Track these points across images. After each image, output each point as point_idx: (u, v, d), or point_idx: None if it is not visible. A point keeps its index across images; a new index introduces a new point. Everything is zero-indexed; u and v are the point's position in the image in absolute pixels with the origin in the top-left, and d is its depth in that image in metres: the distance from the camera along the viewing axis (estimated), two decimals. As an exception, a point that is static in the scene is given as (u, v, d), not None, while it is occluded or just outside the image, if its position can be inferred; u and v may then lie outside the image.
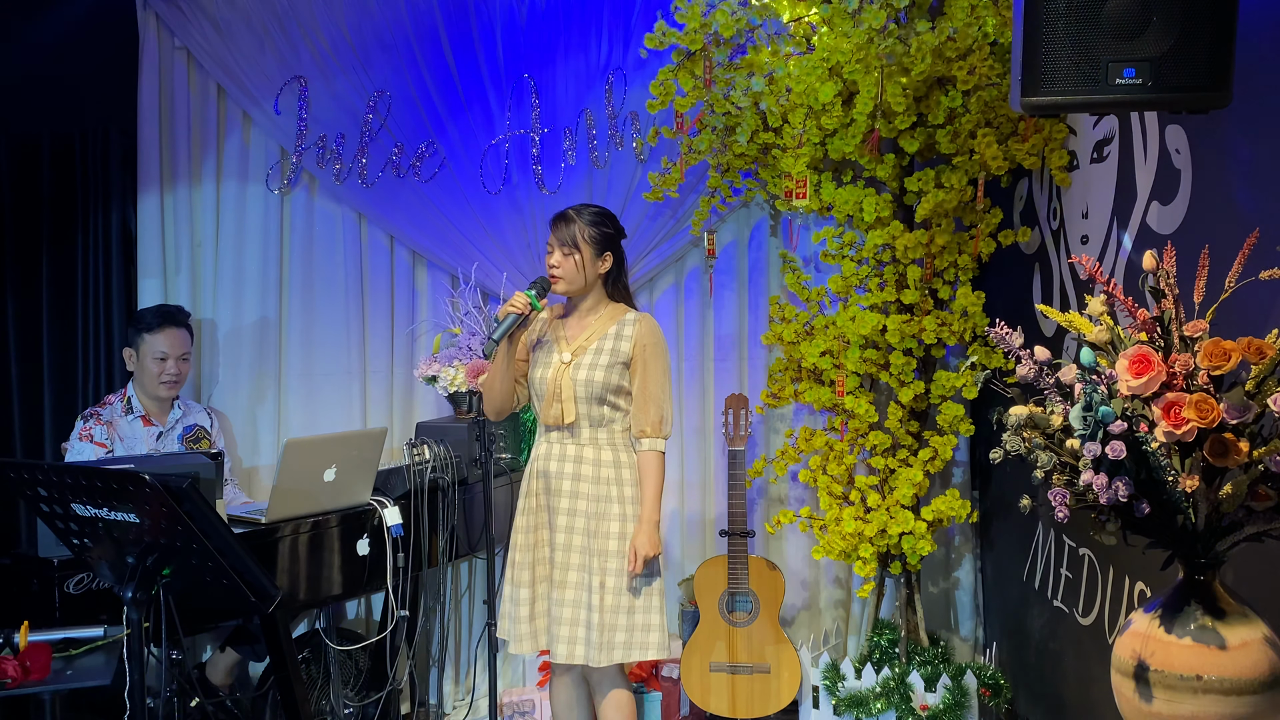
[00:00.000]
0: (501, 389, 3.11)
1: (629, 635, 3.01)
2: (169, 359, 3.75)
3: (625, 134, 4.11)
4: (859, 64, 3.40)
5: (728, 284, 4.17)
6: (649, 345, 3.06)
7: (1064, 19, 1.99)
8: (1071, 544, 3.19)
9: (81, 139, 4.20)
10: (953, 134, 3.57)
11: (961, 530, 4.13)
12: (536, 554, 3.09)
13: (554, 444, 3.09)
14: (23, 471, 2.41)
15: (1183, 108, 2.08)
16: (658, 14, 3.70)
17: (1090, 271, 1.93)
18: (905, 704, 3.69)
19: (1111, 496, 1.74)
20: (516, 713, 3.89)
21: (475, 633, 4.22)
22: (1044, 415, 1.87)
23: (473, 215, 4.16)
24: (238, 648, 3.54)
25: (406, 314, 4.26)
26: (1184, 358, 1.76)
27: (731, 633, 3.78)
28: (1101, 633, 2.94)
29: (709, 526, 4.19)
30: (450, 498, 3.60)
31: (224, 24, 4.12)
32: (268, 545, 3.09)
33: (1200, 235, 2.36)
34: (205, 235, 4.24)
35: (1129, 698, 1.82)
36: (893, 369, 3.75)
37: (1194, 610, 1.79)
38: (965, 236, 3.71)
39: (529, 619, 3.08)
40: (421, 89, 4.14)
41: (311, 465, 3.16)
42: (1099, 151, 2.99)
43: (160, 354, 3.75)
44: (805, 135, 3.59)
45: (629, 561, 2.99)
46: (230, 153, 4.23)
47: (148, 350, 3.75)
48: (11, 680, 2.64)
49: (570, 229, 3.04)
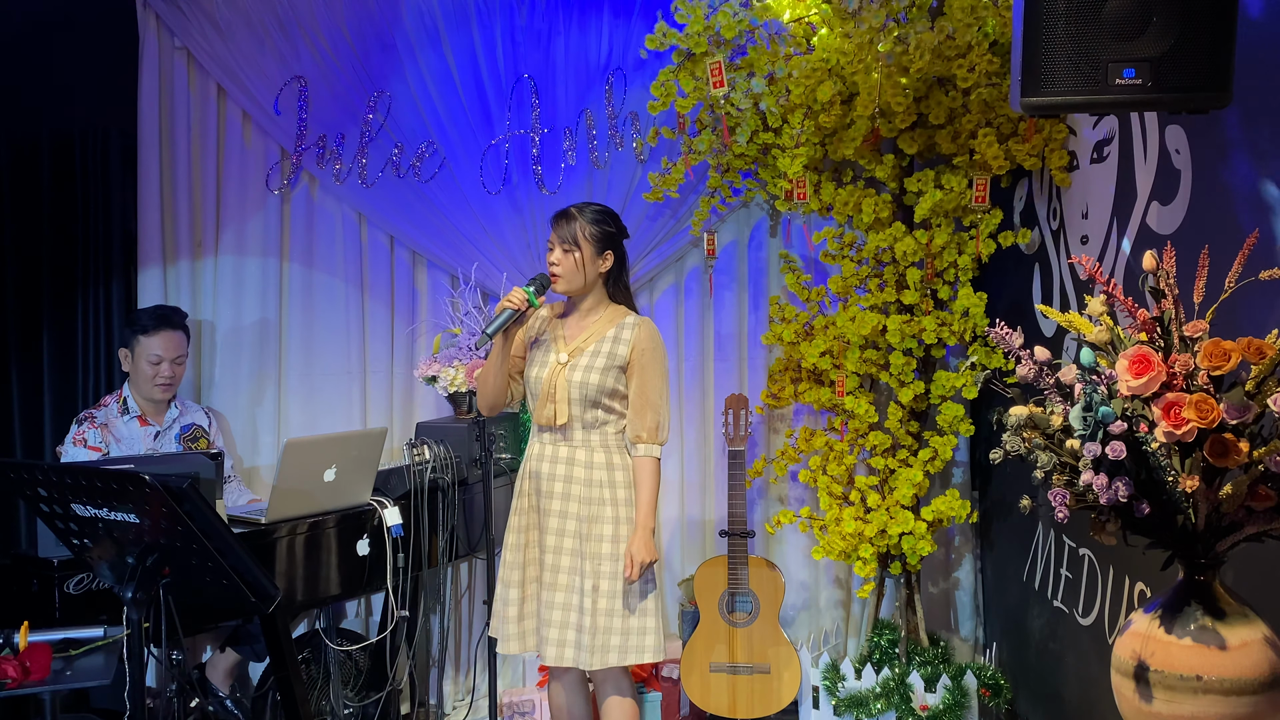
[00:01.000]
0: (495, 384, 3.10)
1: (624, 639, 3.00)
2: (163, 361, 3.75)
3: (625, 134, 4.11)
4: (859, 64, 3.40)
5: (728, 284, 4.17)
6: (647, 350, 3.05)
7: (1064, 19, 1.99)
8: (1071, 544, 3.19)
9: (81, 139, 4.20)
10: (953, 134, 3.57)
11: (961, 530, 4.13)
12: (527, 555, 3.09)
13: (546, 445, 3.08)
14: (23, 471, 2.41)
15: (1183, 108, 2.08)
16: (658, 14, 3.70)
17: (1090, 272, 1.93)
18: (905, 704, 3.69)
19: (1111, 497, 1.74)
20: (516, 713, 3.89)
21: (475, 633, 4.22)
22: (1044, 415, 1.87)
23: (473, 215, 4.16)
24: (238, 648, 3.54)
25: (406, 314, 4.26)
26: (1184, 358, 1.76)
27: (731, 633, 3.78)
28: (1101, 633, 2.94)
29: (709, 527, 4.19)
30: (450, 498, 3.60)
31: (224, 24, 4.12)
32: (267, 545, 3.09)
33: (1200, 235, 2.36)
34: (205, 235, 4.24)
35: (1129, 698, 1.82)
36: (893, 369, 3.75)
37: (1194, 610, 1.79)
38: (965, 237, 3.71)
39: (517, 619, 3.07)
40: (421, 89, 4.14)
41: (311, 465, 3.15)
42: (1099, 152, 2.99)
43: (155, 356, 3.74)
44: (805, 135, 3.59)
45: (626, 569, 2.98)
46: (230, 153, 4.23)
47: (142, 352, 3.75)
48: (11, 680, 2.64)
49: (571, 226, 3.03)
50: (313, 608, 3.48)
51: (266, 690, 3.54)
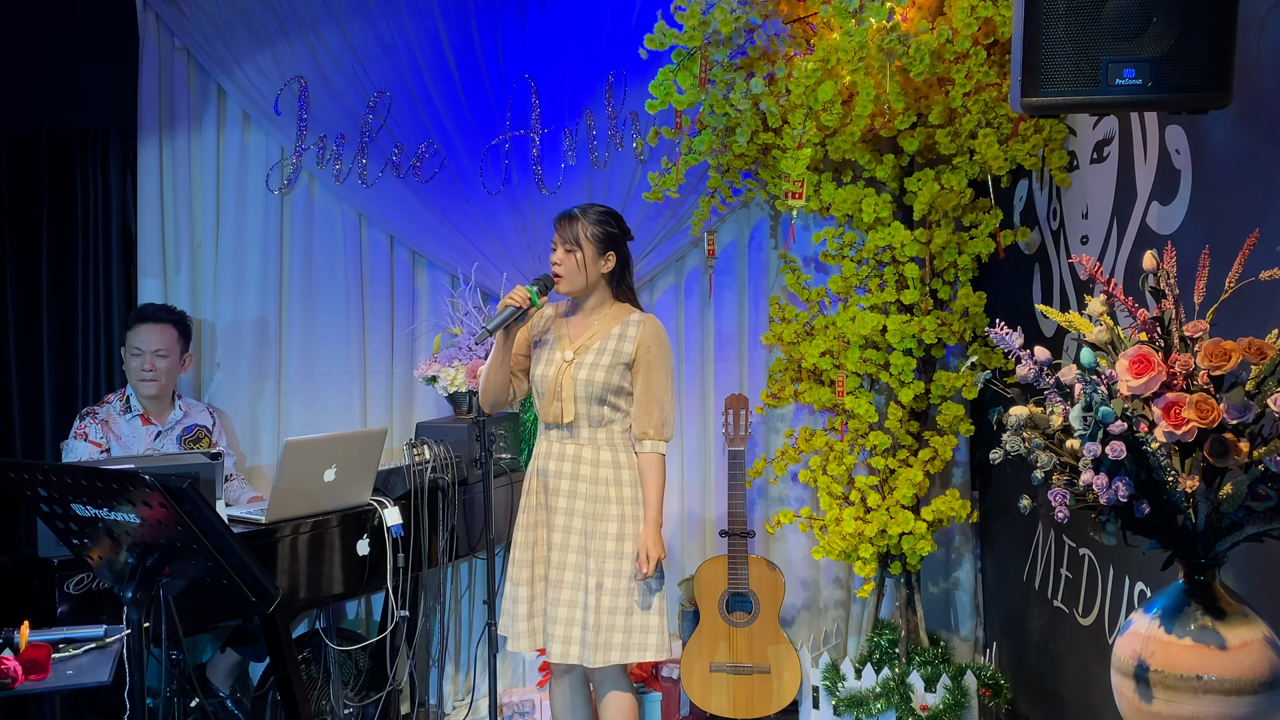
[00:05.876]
0: (497, 381, 3.11)
1: (627, 636, 3.01)
2: (144, 354, 3.76)
3: (625, 134, 4.11)
4: (859, 63, 3.40)
5: (728, 284, 4.17)
6: (652, 347, 3.06)
7: (1064, 19, 1.99)
8: (1071, 544, 3.19)
9: (81, 139, 4.20)
10: (953, 134, 3.57)
11: (961, 530, 4.13)
12: (535, 553, 3.10)
13: (553, 443, 3.09)
14: (23, 471, 2.41)
15: (1183, 108, 2.08)
16: (658, 14, 3.70)
17: (1090, 271, 1.93)
18: (905, 704, 3.69)
19: (1111, 497, 1.74)
20: (516, 713, 3.89)
21: (475, 633, 4.22)
22: (1044, 415, 1.87)
23: (473, 215, 4.16)
24: (238, 648, 3.54)
25: (406, 314, 4.26)
26: (1184, 358, 1.76)
27: (732, 633, 3.78)
28: (1101, 633, 2.94)
29: (709, 526, 4.19)
30: (450, 498, 3.60)
31: (224, 24, 4.12)
32: (268, 545, 3.09)
33: (1200, 235, 2.36)
34: (205, 235, 4.23)
35: (1129, 698, 1.82)
36: (893, 369, 3.75)
37: (1194, 610, 1.79)
38: (965, 236, 3.71)
39: (527, 617, 3.08)
40: (421, 89, 4.14)
41: (311, 465, 3.16)
42: (1099, 151, 2.99)
43: (135, 349, 3.77)
44: (805, 136, 3.59)
45: (641, 564, 2.99)
46: (230, 153, 4.23)
47: (127, 348, 3.79)
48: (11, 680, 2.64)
49: (573, 227, 3.04)
50: (313, 608, 3.48)
51: (266, 690, 3.54)
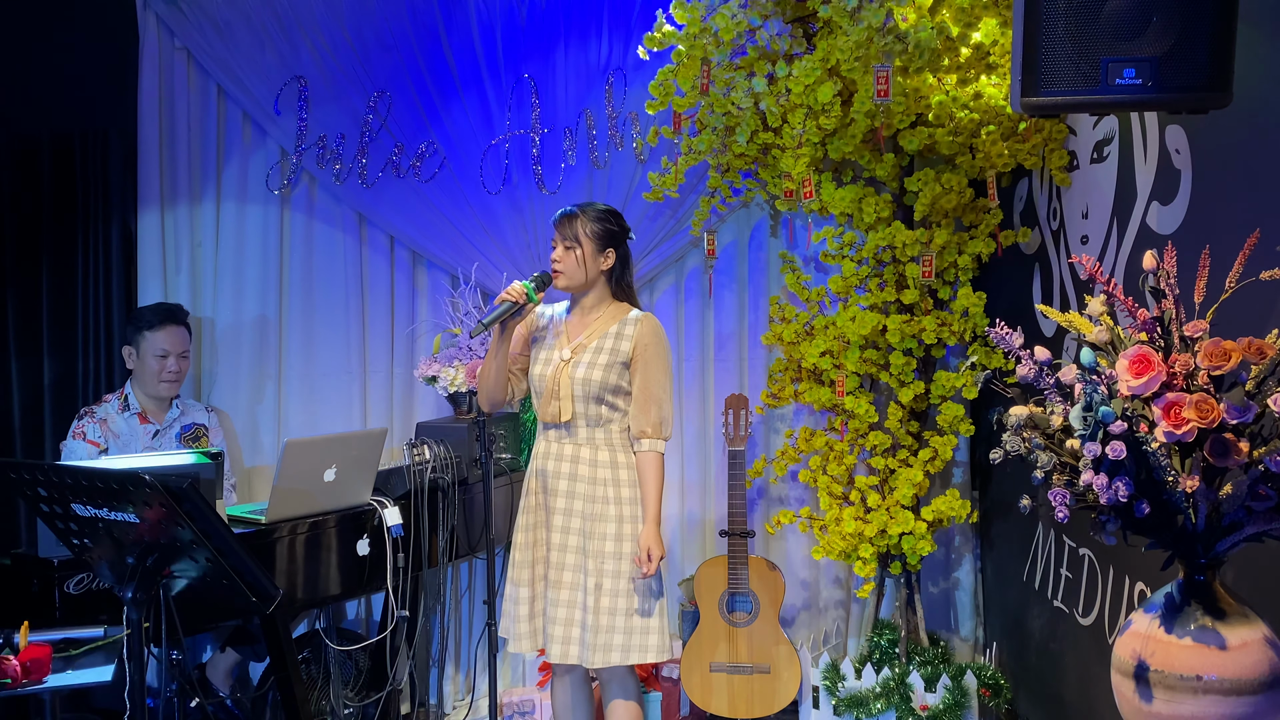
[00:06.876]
0: (495, 379, 3.12)
1: (627, 637, 3.01)
2: (170, 356, 3.76)
3: (625, 134, 4.11)
4: (858, 63, 3.40)
5: (728, 284, 4.17)
6: (650, 345, 3.06)
7: (1064, 19, 1.99)
8: (1071, 544, 3.19)
9: (81, 139, 4.20)
10: (953, 133, 3.57)
11: (961, 530, 4.13)
12: (535, 553, 3.10)
13: (552, 443, 3.09)
14: (23, 471, 2.41)
15: (1183, 108, 2.07)
16: (658, 14, 3.70)
17: (1090, 271, 1.93)
18: (905, 704, 3.69)
19: (1111, 497, 1.74)
20: (516, 713, 3.89)
21: (475, 633, 4.22)
22: (1044, 415, 1.87)
23: (473, 215, 4.16)
24: (238, 648, 3.54)
25: (406, 314, 4.26)
26: (1184, 358, 1.76)
27: (732, 633, 3.78)
28: (1101, 633, 2.94)
29: (709, 527, 4.19)
30: (450, 498, 3.60)
31: (224, 24, 4.12)
32: (267, 545, 3.09)
33: (1200, 235, 2.36)
34: (205, 235, 4.24)
35: (1129, 698, 1.82)
36: (893, 369, 3.75)
37: (1194, 610, 1.79)
38: (965, 236, 3.71)
39: (528, 618, 3.08)
40: (421, 89, 4.14)
41: (311, 465, 3.16)
42: (1099, 151, 2.99)
43: (161, 351, 3.75)
44: (805, 135, 3.59)
45: (643, 563, 2.99)
46: (230, 153, 4.23)
47: (148, 348, 3.76)
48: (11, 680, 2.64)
49: (573, 224, 3.05)
50: (313, 608, 3.48)
51: (266, 690, 3.54)
